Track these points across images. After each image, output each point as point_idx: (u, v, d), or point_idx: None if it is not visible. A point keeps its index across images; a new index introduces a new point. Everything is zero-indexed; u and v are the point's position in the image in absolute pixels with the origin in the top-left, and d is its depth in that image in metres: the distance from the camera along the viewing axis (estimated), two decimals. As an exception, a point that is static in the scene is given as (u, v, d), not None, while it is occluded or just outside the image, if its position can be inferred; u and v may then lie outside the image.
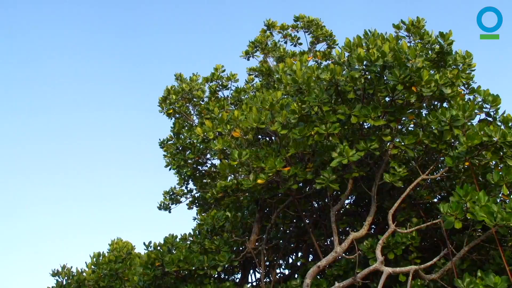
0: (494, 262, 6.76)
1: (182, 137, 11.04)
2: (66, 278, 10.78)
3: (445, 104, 7.68)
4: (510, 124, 6.87)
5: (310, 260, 10.00)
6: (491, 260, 6.87)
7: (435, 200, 8.34)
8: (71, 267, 10.98)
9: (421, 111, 7.74)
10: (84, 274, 10.77)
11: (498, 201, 6.25)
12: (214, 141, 8.17)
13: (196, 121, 11.85)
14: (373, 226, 8.99)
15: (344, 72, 6.97)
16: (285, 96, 8.47)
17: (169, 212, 12.24)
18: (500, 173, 6.13)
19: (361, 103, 6.97)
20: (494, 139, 6.37)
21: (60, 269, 10.82)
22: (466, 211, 5.85)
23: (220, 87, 11.91)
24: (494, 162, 6.85)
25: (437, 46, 8.11)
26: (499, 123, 7.24)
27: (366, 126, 7.70)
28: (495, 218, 5.55)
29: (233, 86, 11.93)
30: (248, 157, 7.55)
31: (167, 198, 12.22)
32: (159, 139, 11.55)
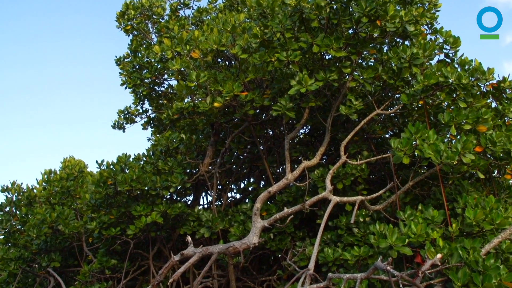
0: (434, 197, 7.09)
1: (140, 55, 10.66)
2: (16, 194, 10.61)
3: (407, 42, 7.68)
4: (466, 67, 6.97)
5: (261, 186, 10.23)
6: (432, 195, 7.20)
7: (387, 135, 8.54)
8: (22, 183, 10.82)
9: (383, 47, 7.72)
10: (35, 191, 10.62)
11: (446, 140, 6.46)
12: (172, 61, 7.92)
13: (155, 39, 11.42)
14: (325, 156, 9.19)
15: (310, -1, 6.78)
16: (248, 20, 8.23)
17: (123, 131, 12.04)
18: (451, 114, 6.28)
19: (324, 33, 6.86)
20: (449, 80, 6.45)
21: (10, 185, 10.61)
22: (415, 148, 6.01)
23: (182, 5, 11.44)
24: (446, 103, 7.01)
25: (406, -19, 7.98)
26: (456, 65, 7.34)
27: (327, 57, 7.64)
28: (441, 156, 5.73)
29: (195, 5, 11.49)
30: (206, 80, 7.40)
31: (122, 117, 11.97)
32: (116, 56, 11.15)
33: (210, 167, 9.17)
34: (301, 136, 10.03)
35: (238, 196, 10.69)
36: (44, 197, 10.14)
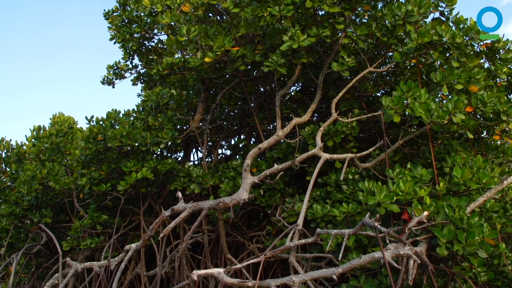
0: (423, 156, 7.14)
1: (129, 9, 10.39)
2: (5, 151, 10.56)
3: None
4: (461, 26, 6.88)
5: (252, 142, 10.24)
6: (421, 154, 7.25)
7: (379, 94, 8.51)
8: (10, 140, 10.75)
9: (377, 3, 7.57)
10: (25, 147, 10.57)
11: (437, 100, 6.45)
12: (162, 15, 7.73)
13: (145, -8, 11.11)
14: (316, 113, 9.18)
15: (304, -49, 6.57)
16: (241, -27, 7.99)
17: (113, 87, 11.86)
18: (443, 73, 6.24)
19: (318, -12, 6.70)
20: (443, 39, 6.38)
21: (-2, 142, 10.56)
22: (406, 106, 6.01)
23: (172, -44, 11.07)
24: (439, 62, 6.95)
25: None
26: (451, 24, 7.24)
27: (320, 13, 7.49)
28: (431, 115, 5.74)
29: (186, -44, 11.09)
30: (196, 34, 7.25)
31: (111, 72, 11.77)
32: (104, 10, 10.86)
33: (200, 123, 9.13)
34: (292, 93, 9.97)
35: (228, 152, 10.72)
36: (33, 154, 10.09)
